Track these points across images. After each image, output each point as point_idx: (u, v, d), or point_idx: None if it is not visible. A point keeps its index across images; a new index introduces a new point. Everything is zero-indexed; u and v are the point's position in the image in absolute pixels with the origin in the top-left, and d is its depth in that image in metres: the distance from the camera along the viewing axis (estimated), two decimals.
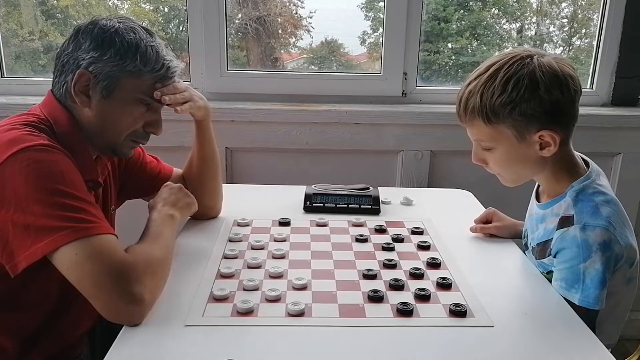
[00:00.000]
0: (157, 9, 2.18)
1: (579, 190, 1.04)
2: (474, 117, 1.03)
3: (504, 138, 1.03)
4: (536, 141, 1.02)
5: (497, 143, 1.04)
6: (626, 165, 1.99)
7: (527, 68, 0.99)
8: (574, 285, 0.99)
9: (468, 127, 1.08)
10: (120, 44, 1.01)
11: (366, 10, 2.10)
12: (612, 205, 1.02)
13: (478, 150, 1.09)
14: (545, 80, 0.98)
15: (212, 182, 1.33)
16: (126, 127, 1.07)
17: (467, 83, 1.05)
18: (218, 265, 1.10)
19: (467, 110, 1.03)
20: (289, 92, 1.95)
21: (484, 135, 1.05)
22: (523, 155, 1.04)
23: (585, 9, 2.23)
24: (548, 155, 1.03)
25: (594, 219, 0.99)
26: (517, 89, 0.98)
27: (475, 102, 1.02)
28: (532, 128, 1.00)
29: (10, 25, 2.01)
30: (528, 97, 0.98)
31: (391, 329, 0.91)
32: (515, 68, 0.99)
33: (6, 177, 0.90)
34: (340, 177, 1.77)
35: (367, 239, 1.24)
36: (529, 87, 0.98)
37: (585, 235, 0.98)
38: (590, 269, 0.97)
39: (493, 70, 1.01)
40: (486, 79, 1.01)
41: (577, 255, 0.98)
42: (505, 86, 0.99)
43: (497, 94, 0.99)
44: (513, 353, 0.86)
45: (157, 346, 0.85)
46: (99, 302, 0.89)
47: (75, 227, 0.89)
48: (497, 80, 0.99)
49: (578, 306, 0.98)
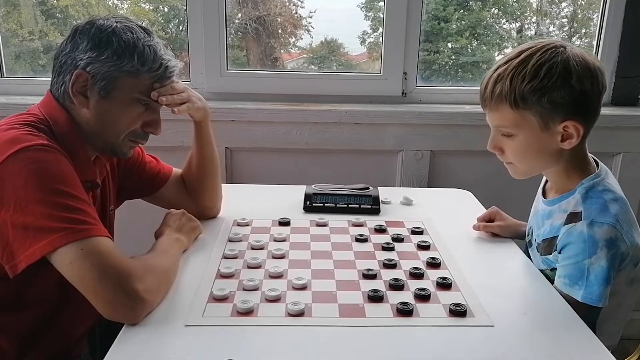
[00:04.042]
0: (156, 9, 2.18)
1: (589, 187, 1.04)
2: (500, 102, 1.02)
3: (527, 125, 1.02)
4: (559, 132, 1.01)
5: (519, 130, 1.03)
6: (626, 165, 1.99)
7: (560, 56, 0.98)
8: (577, 281, 0.98)
9: (491, 112, 1.06)
10: (118, 44, 1.01)
11: (366, 10, 2.10)
12: (620, 203, 1.02)
13: (496, 137, 1.08)
14: (577, 70, 0.98)
15: (212, 182, 1.32)
16: (125, 127, 1.06)
17: (496, 67, 1.04)
18: (218, 265, 1.10)
19: (494, 94, 1.02)
20: (289, 92, 1.95)
21: (507, 120, 1.03)
22: (543, 146, 1.03)
23: (585, 9, 2.23)
24: (568, 147, 1.02)
25: (602, 215, 0.99)
26: (549, 75, 0.98)
27: (504, 86, 1.00)
28: (557, 117, 1.00)
29: (10, 25, 2.01)
30: (559, 85, 0.98)
31: (391, 328, 0.90)
32: (549, 55, 0.99)
33: (6, 177, 0.90)
34: (340, 177, 1.76)
35: (367, 238, 1.24)
36: (562, 75, 0.98)
37: (592, 231, 0.98)
38: (595, 265, 0.97)
39: (525, 56, 1.00)
40: (517, 64, 1.00)
41: (582, 250, 0.98)
42: (538, 72, 0.98)
43: (528, 79, 0.98)
44: (513, 353, 0.86)
45: (157, 346, 0.85)
46: (98, 300, 0.89)
47: (74, 228, 0.89)
48: (529, 65, 0.99)
49: (580, 304, 0.98)
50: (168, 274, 1.01)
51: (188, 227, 1.20)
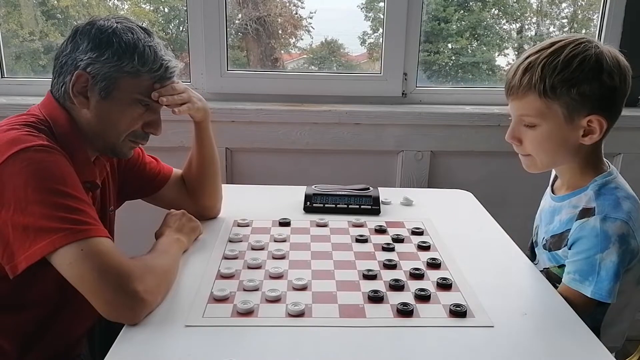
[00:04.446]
0: (157, 9, 2.18)
1: (602, 184, 1.04)
2: (528, 89, 1.02)
3: (552, 116, 1.01)
4: (582, 126, 1.01)
5: (543, 120, 1.02)
6: (626, 165, 1.99)
7: (594, 50, 0.99)
8: (587, 277, 0.98)
9: (517, 100, 1.05)
10: (118, 45, 1.01)
11: (366, 10, 2.10)
12: (632, 201, 1.03)
13: (517, 126, 1.07)
14: (609, 65, 0.99)
15: (212, 182, 1.32)
16: (125, 128, 1.06)
17: (526, 56, 1.04)
18: (218, 265, 1.10)
19: (523, 82, 1.02)
20: (289, 92, 1.95)
21: (533, 110, 1.03)
22: (564, 139, 1.03)
23: (585, 9, 2.23)
24: (589, 143, 1.02)
25: (615, 211, 0.99)
26: (581, 67, 0.98)
27: (534, 74, 1.00)
28: (583, 111, 1.00)
29: (10, 25, 2.01)
30: (591, 77, 0.98)
31: (391, 329, 0.90)
32: (583, 48, 0.99)
33: (6, 178, 0.90)
34: (340, 177, 1.77)
35: (367, 239, 1.24)
36: (593, 69, 0.98)
37: (605, 226, 0.98)
38: (607, 260, 0.97)
39: (558, 47, 1.00)
40: (550, 54, 1.00)
41: (594, 245, 0.98)
42: (570, 63, 0.98)
43: (560, 69, 0.98)
44: (513, 353, 0.86)
45: (157, 346, 0.85)
46: (98, 300, 0.89)
47: (74, 228, 0.89)
48: (561, 55, 0.99)
49: (588, 300, 0.98)
50: (168, 274, 1.01)
51: (188, 227, 1.20)
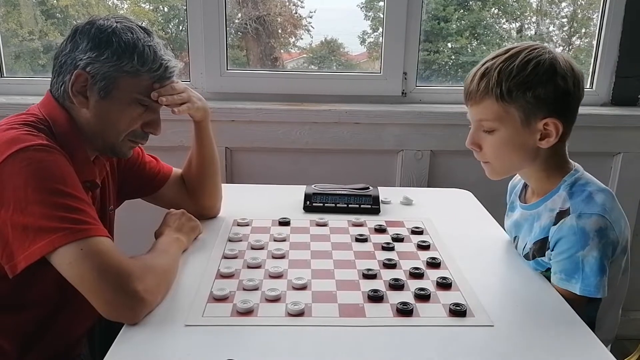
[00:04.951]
0: (156, 9, 2.18)
1: (572, 183, 1.06)
2: (485, 94, 1.04)
3: (510, 120, 1.03)
4: (539, 129, 1.03)
5: (501, 124, 1.04)
6: (626, 165, 1.99)
7: (548, 55, 1.02)
8: (573, 275, 0.99)
9: (475, 105, 1.07)
10: (118, 44, 1.01)
11: (366, 10, 2.10)
12: (606, 193, 1.04)
13: (477, 132, 1.09)
14: (563, 69, 1.01)
15: (212, 181, 1.32)
16: (124, 128, 1.06)
17: (483, 62, 1.06)
18: (218, 265, 1.10)
19: (480, 87, 1.04)
20: (289, 91, 1.95)
21: (491, 114, 1.04)
22: (522, 142, 1.05)
23: (585, 9, 2.23)
24: (546, 146, 1.04)
25: (589, 207, 1.01)
26: (536, 71, 1.00)
27: (491, 79, 1.02)
28: (539, 113, 1.02)
29: (10, 25, 2.01)
30: (545, 80, 1.00)
31: (391, 328, 0.90)
32: (537, 53, 1.02)
33: (6, 177, 0.90)
34: (340, 177, 1.76)
35: (367, 238, 1.24)
36: (548, 72, 1.00)
37: (581, 223, 0.99)
38: (589, 256, 0.98)
39: (514, 52, 1.03)
40: (505, 59, 1.03)
41: (574, 243, 0.99)
42: (525, 67, 1.00)
43: (515, 73, 1.01)
44: (513, 353, 0.86)
45: (157, 346, 0.85)
46: (98, 300, 0.89)
47: (74, 228, 0.89)
48: (517, 60, 1.01)
49: (579, 297, 0.99)
50: (168, 273, 1.01)
51: (188, 227, 1.20)
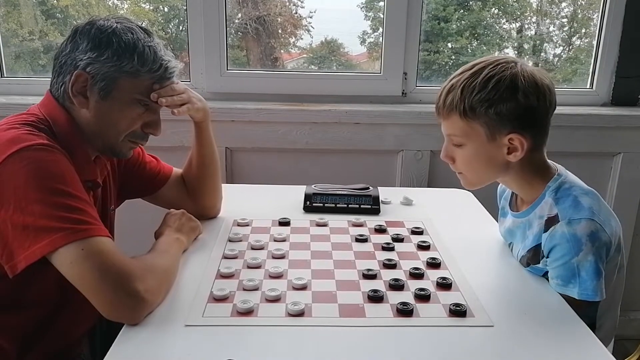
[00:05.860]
0: (156, 9, 2.18)
1: (556, 188, 1.06)
2: (451, 110, 1.06)
3: (475, 135, 1.05)
4: (505, 144, 1.04)
5: (468, 139, 1.06)
6: (626, 165, 1.99)
7: (510, 71, 1.02)
8: (570, 280, 1.00)
9: (444, 120, 1.10)
10: (118, 45, 1.01)
11: (366, 10, 2.10)
12: (591, 195, 1.05)
13: (448, 146, 1.11)
14: (524, 85, 1.01)
15: (212, 182, 1.33)
16: (124, 128, 1.06)
17: (451, 78, 1.09)
18: (218, 265, 1.10)
19: (446, 103, 1.06)
20: (289, 92, 1.95)
21: (457, 129, 1.07)
22: (490, 156, 1.07)
23: (585, 9, 2.23)
24: (514, 160, 1.05)
25: (577, 212, 1.01)
26: (496, 88, 1.01)
27: (455, 95, 1.05)
28: (503, 129, 1.03)
29: (10, 25, 2.01)
30: (506, 97, 1.01)
31: (391, 329, 0.91)
32: (499, 69, 1.03)
33: (6, 177, 0.90)
34: (340, 177, 1.76)
35: (367, 238, 1.24)
36: (509, 89, 1.01)
37: (572, 229, 0.99)
38: (584, 261, 0.98)
39: (478, 69, 1.04)
40: (469, 75, 1.04)
41: (568, 250, 0.99)
42: (487, 84, 1.02)
43: (477, 90, 1.02)
44: (513, 353, 0.86)
45: (157, 346, 0.85)
46: (99, 300, 0.89)
47: (74, 228, 0.89)
48: (479, 77, 1.03)
49: (579, 301, 0.99)
50: (168, 274, 1.01)
51: (188, 227, 1.20)
